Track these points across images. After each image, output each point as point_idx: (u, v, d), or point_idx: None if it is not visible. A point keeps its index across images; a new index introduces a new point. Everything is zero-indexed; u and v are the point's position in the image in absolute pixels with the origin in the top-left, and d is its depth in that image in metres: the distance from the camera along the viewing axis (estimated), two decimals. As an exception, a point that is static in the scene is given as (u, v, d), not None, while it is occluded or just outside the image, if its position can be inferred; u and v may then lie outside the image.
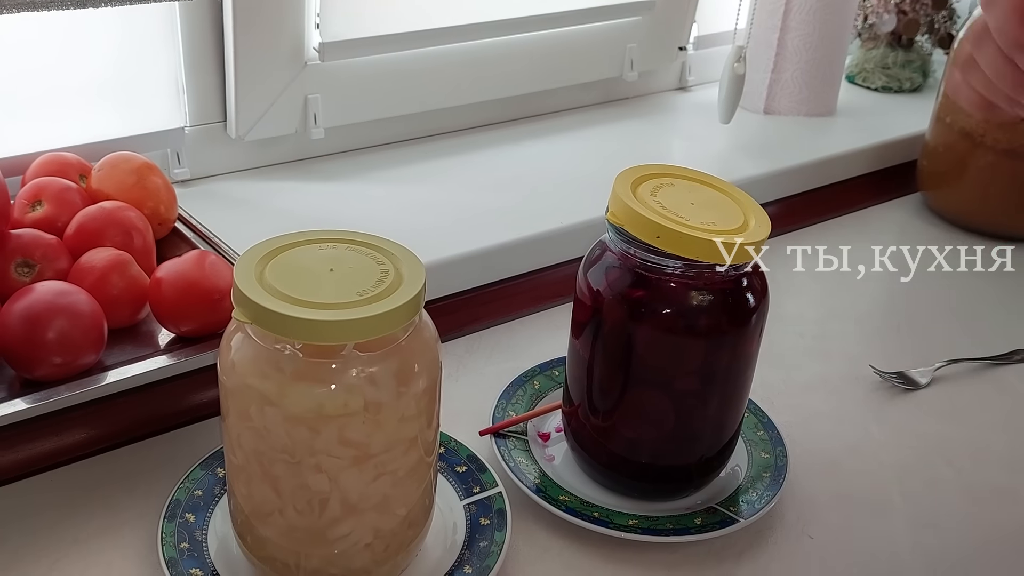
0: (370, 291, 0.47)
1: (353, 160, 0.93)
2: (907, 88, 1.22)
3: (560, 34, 1.02)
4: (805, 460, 0.68)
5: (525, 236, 0.83)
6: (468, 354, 0.77)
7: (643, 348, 0.57)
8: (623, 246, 0.57)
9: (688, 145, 1.05)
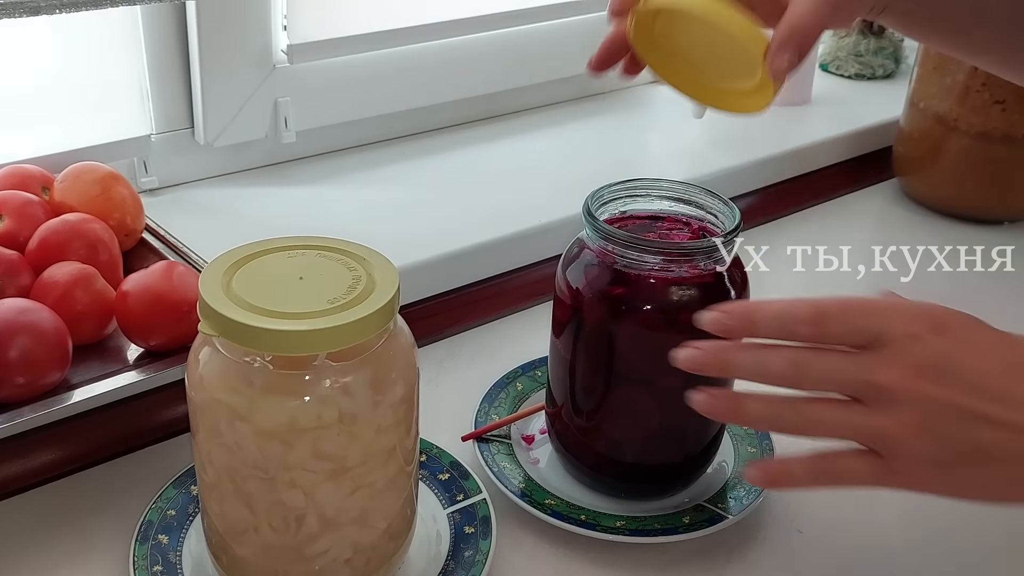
0: (341, 299, 0.46)
1: (326, 163, 0.91)
2: (880, 75, 1.22)
3: (533, 30, 1.01)
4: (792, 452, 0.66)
5: (504, 235, 0.81)
6: (449, 358, 0.76)
7: (625, 346, 0.56)
8: (601, 243, 0.56)
9: (664, 139, 1.04)
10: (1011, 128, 0.92)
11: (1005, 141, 0.93)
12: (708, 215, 0.59)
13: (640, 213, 0.61)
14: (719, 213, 0.58)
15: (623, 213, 0.60)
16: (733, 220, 0.56)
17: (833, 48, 1.23)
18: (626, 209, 0.60)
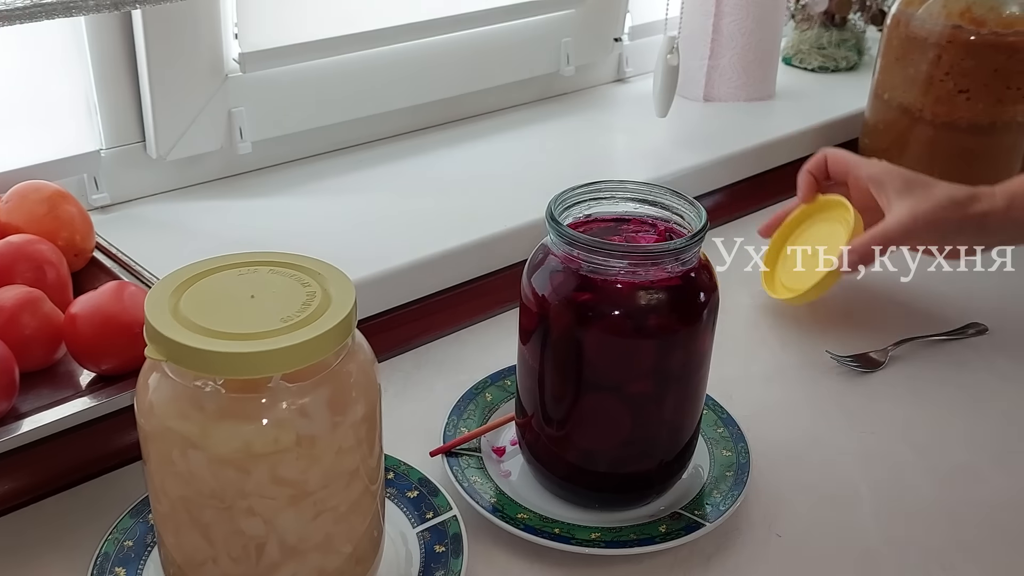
0: (295, 316, 0.44)
1: (284, 174, 0.89)
2: (843, 67, 1.21)
3: (492, 32, 0.99)
4: (768, 455, 0.65)
5: (468, 241, 0.80)
6: (416, 369, 0.74)
7: (593, 353, 0.55)
8: (566, 248, 0.54)
9: (629, 139, 1.03)
10: (976, 117, 0.92)
11: (971, 130, 0.93)
12: (674, 216, 0.58)
13: (605, 216, 0.59)
14: (685, 213, 0.57)
15: (588, 216, 0.59)
16: (699, 220, 0.55)
17: (796, 41, 1.22)
18: (590, 212, 0.59)
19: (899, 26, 0.94)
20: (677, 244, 0.53)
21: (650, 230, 0.59)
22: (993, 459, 0.66)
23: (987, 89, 0.90)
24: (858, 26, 1.24)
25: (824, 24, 1.21)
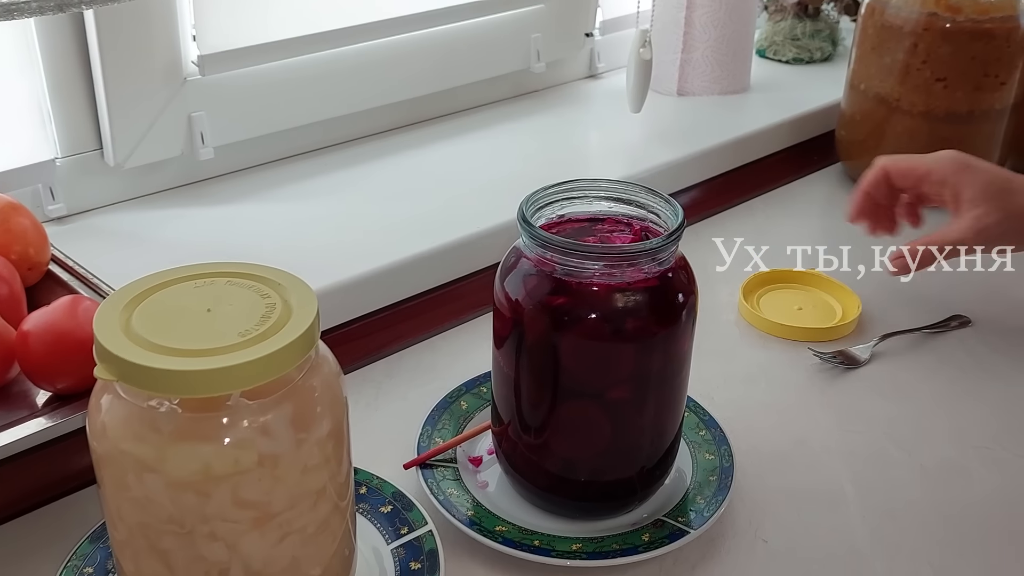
0: (254, 330, 0.42)
1: (248, 179, 0.87)
2: (818, 58, 1.20)
3: (460, 28, 0.97)
4: (751, 456, 0.64)
5: (440, 245, 0.77)
6: (387, 379, 0.72)
7: (569, 358, 0.53)
8: (539, 251, 0.52)
9: (602, 136, 1.01)
10: (954, 105, 0.91)
11: (949, 119, 0.91)
12: (650, 214, 0.56)
13: (578, 216, 0.57)
14: (661, 212, 0.55)
15: (561, 217, 0.57)
16: (676, 218, 0.53)
17: (769, 33, 1.21)
18: (563, 212, 0.57)
19: (874, 15, 0.93)
20: (653, 244, 0.51)
21: (625, 230, 0.57)
22: (980, 454, 0.65)
23: (965, 77, 0.89)
24: (831, 16, 1.22)
25: (797, 15, 1.20)
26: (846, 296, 0.80)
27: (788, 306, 0.80)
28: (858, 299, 0.79)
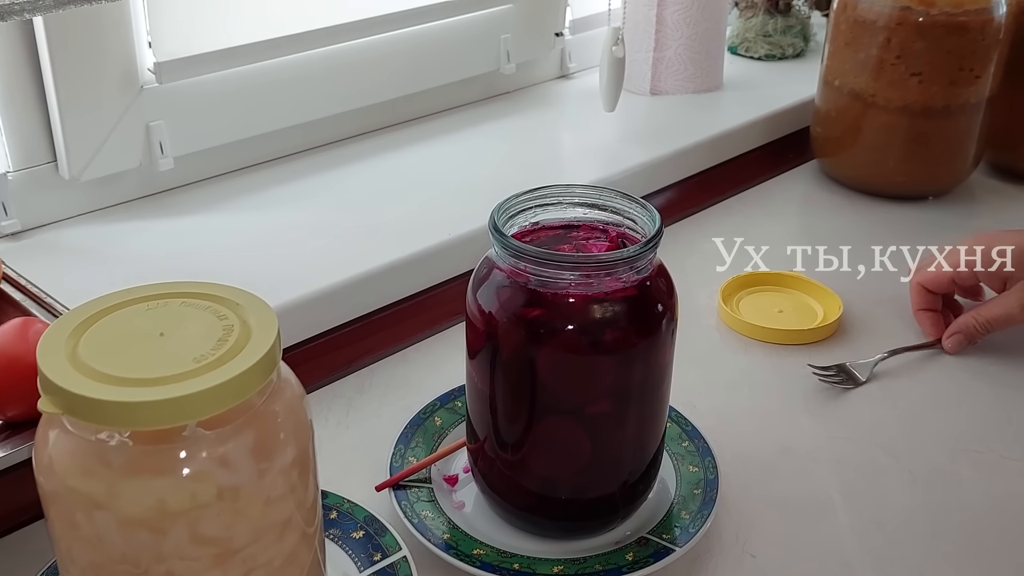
0: (210, 355, 0.39)
1: (211, 190, 0.84)
2: (790, 54, 1.19)
3: (427, 30, 0.94)
4: (736, 467, 0.62)
5: (411, 253, 0.75)
6: (358, 394, 0.69)
7: (547, 373, 0.51)
8: (512, 261, 0.50)
9: (576, 137, 0.99)
10: (930, 100, 0.89)
11: (925, 114, 0.90)
12: (626, 220, 0.54)
13: (552, 223, 0.55)
14: (637, 217, 0.53)
15: (534, 225, 0.55)
16: (653, 224, 0.51)
17: (741, 30, 1.20)
18: (537, 220, 0.55)
19: (847, 10, 0.92)
20: (631, 252, 0.49)
21: (601, 236, 0.54)
22: (970, 458, 0.63)
23: (940, 71, 0.88)
24: (802, 12, 1.21)
25: (768, 11, 1.18)
26: (827, 297, 0.79)
27: (768, 309, 0.78)
28: (839, 300, 0.77)
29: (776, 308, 0.78)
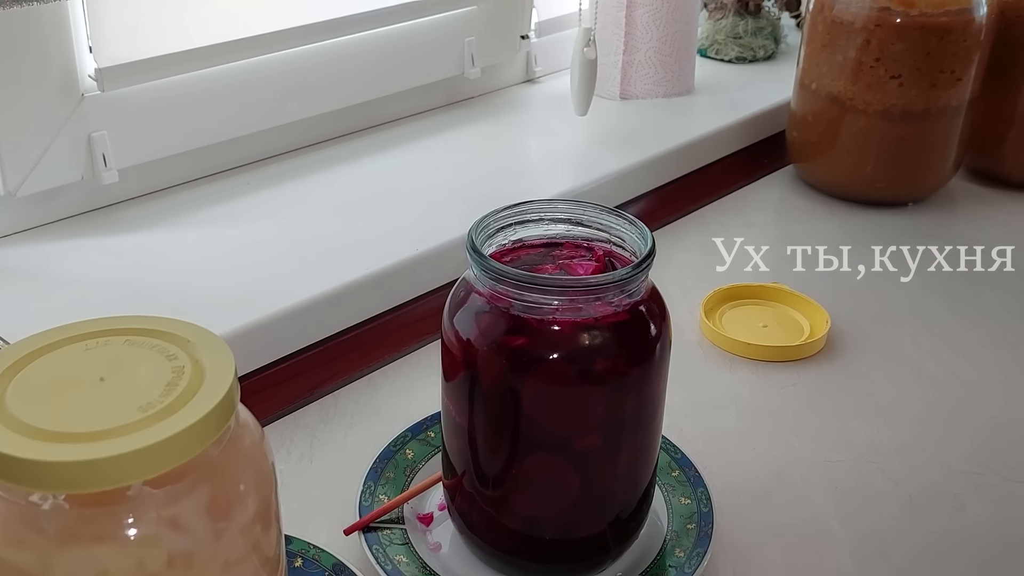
0: (158, 403, 0.35)
1: (159, 204, 0.78)
2: (761, 56, 1.16)
3: (388, 33, 0.90)
4: (728, 496, 0.58)
5: (376, 270, 0.70)
6: (322, 424, 0.64)
7: (532, 407, 0.46)
8: (492, 284, 0.46)
9: (545, 144, 0.95)
10: (910, 104, 0.87)
11: (905, 118, 0.87)
12: (613, 238, 0.50)
13: (534, 241, 0.51)
14: (626, 235, 0.49)
15: (514, 243, 0.50)
16: (645, 244, 0.47)
17: (711, 31, 1.17)
18: (517, 238, 0.51)
19: (823, 10, 0.89)
20: (623, 274, 0.45)
21: (587, 255, 0.50)
22: (969, 480, 0.60)
23: (920, 74, 0.85)
24: (773, 13, 1.18)
25: (738, 12, 1.15)
26: (813, 311, 0.75)
27: (752, 323, 0.75)
28: (826, 314, 0.74)
29: (760, 322, 0.75)
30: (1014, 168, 0.95)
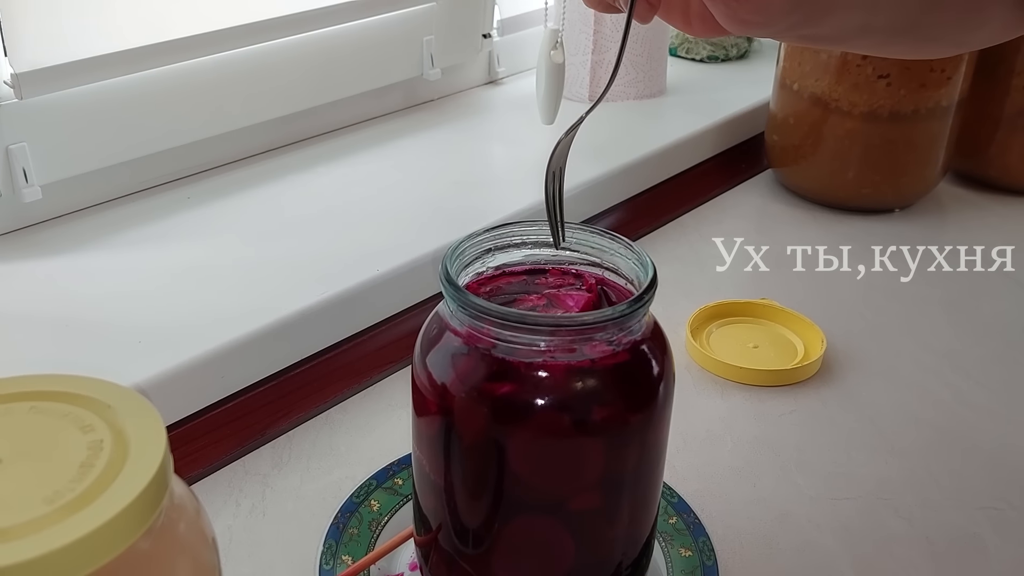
0: (69, 491, 0.28)
1: (88, 222, 0.71)
2: (734, 55, 1.11)
3: (341, 32, 0.83)
4: (731, 544, 0.53)
5: (333, 295, 0.64)
6: (275, 470, 0.57)
7: (519, 463, 0.40)
8: (471, 323, 0.40)
9: (511, 150, 0.89)
10: (898, 104, 0.82)
11: (893, 119, 0.83)
12: (606, 263, 0.44)
13: (515, 268, 0.45)
14: (621, 262, 0.43)
15: (495, 270, 0.44)
16: (645, 272, 0.41)
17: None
18: (497, 263, 0.44)
19: (805, 7, 0.84)
20: (623, 309, 0.39)
21: (575, 282, 0.44)
22: (989, 517, 0.55)
23: (909, 73, 0.81)
24: (743, 10, 1.13)
25: (708, 9, 1.10)
26: (804, 328, 0.70)
27: (742, 344, 0.69)
28: (820, 332, 0.69)
29: (751, 343, 0.69)
30: (1002, 171, 0.92)
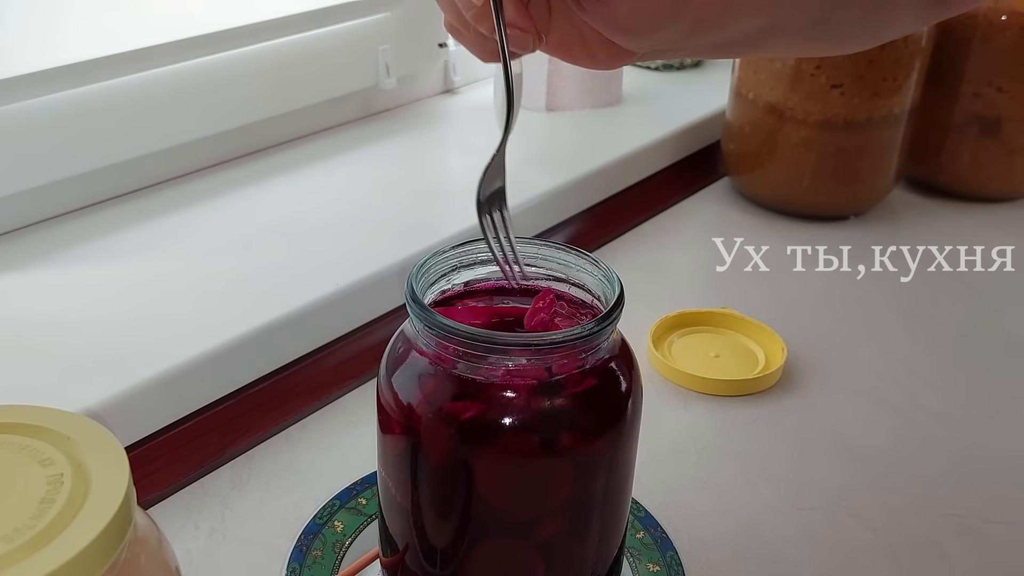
0: (29, 528, 0.27)
1: (34, 238, 0.69)
2: (688, 64, 1.12)
3: (294, 43, 0.82)
4: (698, 557, 0.53)
5: (291, 310, 0.62)
6: (235, 491, 0.56)
7: (487, 486, 0.40)
8: (439, 343, 0.39)
9: (469, 160, 0.88)
10: (852, 113, 0.83)
11: (847, 128, 0.84)
12: (572, 279, 0.44)
13: (480, 285, 0.44)
14: (587, 278, 0.43)
15: (462, 287, 0.44)
16: (611, 287, 0.41)
17: (633, 38, 1.11)
18: (462, 281, 0.44)
19: (759, 16, 0.84)
20: (592, 327, 0.38)
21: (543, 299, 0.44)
22: (951, 524, 0.56)
23: (863, 82, 0.82)
24: (696, 19, 1.14)
25: (662, 18, 1.10)
26: (764, 336, 0.71)
27: (704, 353, 0.70)
28: (780, 340, 0.69)
29: (712, 352, 0.70)
30: (952, 177, 0.93)
